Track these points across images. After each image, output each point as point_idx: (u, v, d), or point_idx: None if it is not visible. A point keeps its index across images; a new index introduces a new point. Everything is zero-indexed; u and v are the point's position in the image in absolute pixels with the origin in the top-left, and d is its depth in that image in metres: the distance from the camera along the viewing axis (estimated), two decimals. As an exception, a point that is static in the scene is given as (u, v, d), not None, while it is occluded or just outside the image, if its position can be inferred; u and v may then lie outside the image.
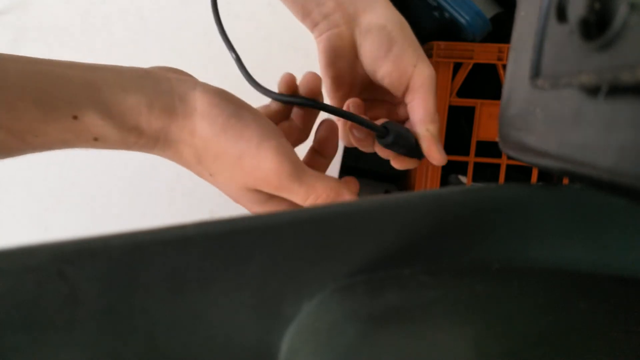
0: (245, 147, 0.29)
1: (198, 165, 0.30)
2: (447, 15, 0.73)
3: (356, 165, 1.00)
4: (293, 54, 0.68)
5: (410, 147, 0.35)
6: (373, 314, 0.16)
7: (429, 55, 0.73)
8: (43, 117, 0.25)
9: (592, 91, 0.15)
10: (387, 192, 0.92)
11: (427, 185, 0.74)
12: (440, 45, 0.71)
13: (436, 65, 0.72)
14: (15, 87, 0.24)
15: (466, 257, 0.19)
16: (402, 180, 0.91)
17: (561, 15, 0.16)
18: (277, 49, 0.69)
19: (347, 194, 0.31)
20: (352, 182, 0.33)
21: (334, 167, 0.67)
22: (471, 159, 0.73)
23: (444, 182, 0.77)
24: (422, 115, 0.34)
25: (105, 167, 0.71)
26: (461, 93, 0.73)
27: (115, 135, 0.27)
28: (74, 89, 0.26)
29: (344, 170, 0.71)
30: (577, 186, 0.20)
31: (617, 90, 0.14)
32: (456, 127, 0.75)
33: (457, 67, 0.72)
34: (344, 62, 0.37)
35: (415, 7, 0.78)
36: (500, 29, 0.76)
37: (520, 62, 0.20)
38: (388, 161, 0.37)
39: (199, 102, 0.29)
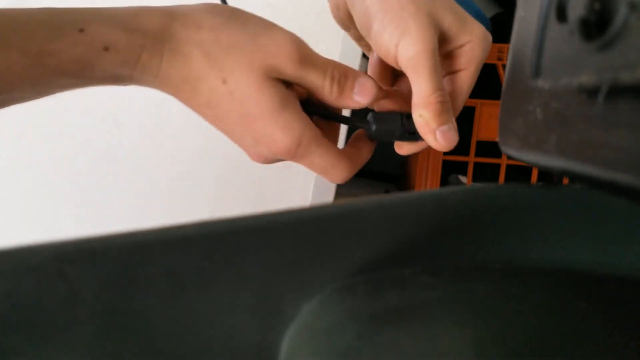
0: (254, 29, 0.28)
1: (210, 69, 0.28)
2: (447, 15, 0.72)
3: (356, 165, 0.99)
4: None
5: (407, 132, 0.32)
6: (373, 314, 0.16)
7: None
8: (52, 34, 0.26)
9: (592, 91, 0.15)
10: (387, 192, 0.92)
11: (427, 185, 0.74)
12: (440, 45, 0.71)
13: (436, 65, 0.72)
14: (23, 15, 0.26)
15: (466, 257, 0.19)
16: (402, 180, 0.91)
17: (561, 15, 0.16)
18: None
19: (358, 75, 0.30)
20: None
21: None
22: (471, 159, 0.73)
23: (444, 182, 0.77)
24: (414, 100, 0.30)
25: (105, 167, 0.71)
26: (461, 93, 0.73)
27: (123, 38, 0.27)
28: (79, 10, 0.27)
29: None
30: (577, 186, 0.20)
31: (617, 90, 0.14)
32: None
33: (457, 67, 0.72)
34: (354, 28, 0.34)
35: (415, 7, 0.78)
36: (500, 29, 0.76)
37: (520, 62, 0.20)
38: (388, 161, 0.36)
39: (201, 4, 0.29)
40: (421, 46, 0.30)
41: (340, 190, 0.76)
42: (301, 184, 0.68)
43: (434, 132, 0.30)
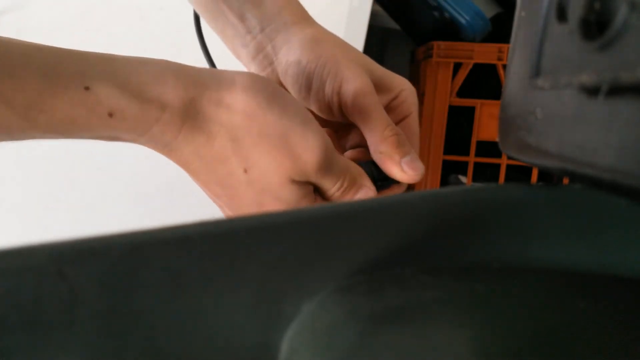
0: (289, 124, 0.26)
1: (233, 155, 0.25)
2: (447, 15, 0.73)
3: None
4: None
5: (380, 179, 0.31)
6: (373, 314, 0.16)
7: (429, 55, 0.73)
8: (50, 87, 0.21)
9: (592, 91, 0.15)
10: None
11: (427, 185, 0.74)
12: (440, 45, 0.71)
13: (436, 65, 0.72)
14: (19, 57, 0.21)
15: (466, 257, 0.19)
16: (402, 180, 0.91)
17: (561, 15, 0.16)
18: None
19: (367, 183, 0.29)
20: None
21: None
22: (471, 159, 0.73)
23: (444, 182, 0.77)
24: (370, 141, 0.31)
25: (106, 167, 0.71)
26: (461, 93, 0.73)
27: (134, 108, 0.23)
28: (87, 61, 0.23)
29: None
30: (577, 186, 0.20)
31: (617, 90, 0.14)
32: (456, 127, 0.75)
33: (457, 67, 0.72)
34: None
35: (415, 7, 0.78)
36: (500, 29, 0.76)
37: (520, 62, 0.20)
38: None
39: (238, 76, 0.26)
40: (360, 86, 0.30)
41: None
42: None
43: (398, 164, 0.30)
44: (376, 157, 0.31)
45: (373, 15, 0.71)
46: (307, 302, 0.17)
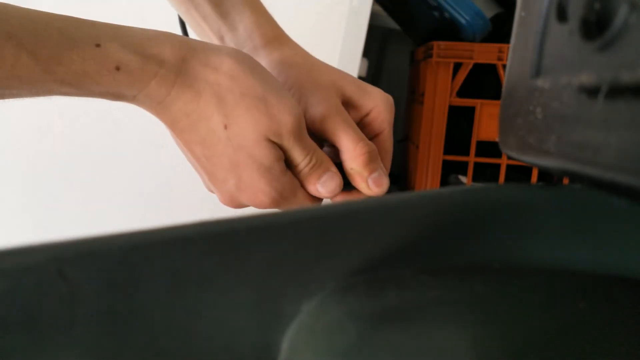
0: (269, 89, 0.29)
1: (216, 112, 0.28)
2: (447, 15, 0.73)
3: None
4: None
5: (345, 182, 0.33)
6: (373, 314, 0.16)
7: (429, 55, 0.73)
8: (66, 43, 0.25)
9: (592, 91, 0.15)
10: (387, 192, 0.92)
11: (427, 185, 0.74)
12: (440, 45, 0.71)
13: (436, 65, 0.72)
14: (41, 19, 0.25)
15: (466, 257, 0.19)
16: (402, 180, 0.91)
17: (561, 15, 0.16)
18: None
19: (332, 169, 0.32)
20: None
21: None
22: (471, 159, 0.73)
23: (444, 182, 0.77)
24: (342, 157, 0.32)
25: (106, 167, 0.71)
26: (461, 93, 0.73)
27: (137, 62, 0.26)
28: (96, 25, 0.27)
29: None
30: (577, 186, 0.20)
31: (617, 90, 0.14)
32: (456, 127, 0.75)
33: (457, 67, 0.72)
34: None
35: (415, 7, 0.78)
36: (500, 29, 0.76)
37: (520, 62, 0.20)
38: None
39: (224, 47, 0.29)
40: (325, 110, 0.32)
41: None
42: (301, 184, 0.67)
43: (366, 180, 0.32)
44: (347, 171, 0.33)
45: (373, 15, 0.71)
46: (307, 302, 0.17)
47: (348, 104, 0.34)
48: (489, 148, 0.72)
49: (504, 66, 0.71)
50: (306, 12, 0.67)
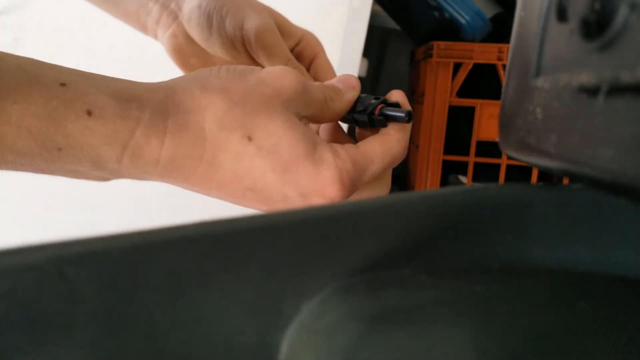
0: (261, 75, 0.25)
1: (230, 133, 0.23)
2: (446, 15, 0.73)
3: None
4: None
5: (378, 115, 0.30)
6: (373, 314, 0.16)
7: (429, 55, 0.73)
8: (26, 78, 0.20)
9: (592, 91, 0.15)
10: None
11: (427, 185, 0.74)
12: (440, 45, 0.71)
13: (436, 65, 0.72)
14: None
15: (466, 257, 0.19)
16: (402, 180, 0.91)
17: (561, 15, 0.16)
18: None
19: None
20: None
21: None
22: (471, 159, 0.73)
23: (444, 182, 0.77)
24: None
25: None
26: (461, 93, 0.73)
27: (113, 106, 0.21)
28: (59, 66, 0.22)
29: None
30: (577, 186, 0.20)
31: (617, 90, 0.14)
32: (456, 127, 0.75)
33: (457, 67, 0.72)
34: (195, 58, 0.36)
35: (414, 7, 0.78)
36: (500, 29, 0.76)
37: (520, 62, 0.20)
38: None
39: (194, 72, 0.26)
40: (263, 22, 0.32)
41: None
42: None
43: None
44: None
45: (373, 15, 0.71)
46: (307, 302, 0.17)
47: (280, 29, 0.35)
48: (489, 148, 0.72)
49: (504, 66, 0.71)
50: (306, 12, 0.67)
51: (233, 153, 0.23)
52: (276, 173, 0.24)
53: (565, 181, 0.22)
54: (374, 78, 1.06)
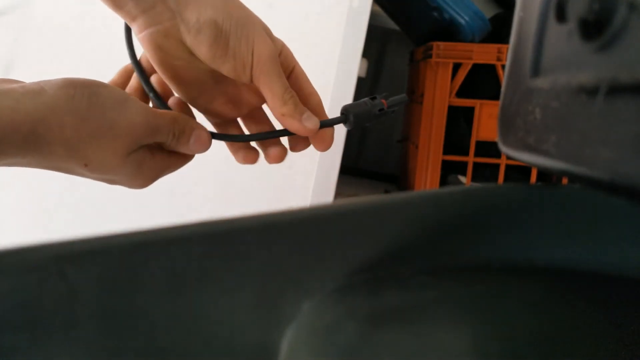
0: (111, 109, 0.29)
1: (72, 159, 0.29)
2: (446, 15, 0.73)
3: (356, 165, 1.00)
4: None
5: (378, 109, 0.35)
6: (373, 314, 0.16)
7: (429, 55, 0.73)
8: None
9: (591, 91, 0.15)
10: (387, 192, 0.92)
11: (427, 185, 0.74)
12: (439, 45, 0.71)
13: (436, 66, 0.72)
14: None
15: (466, 257, 0.19)
16: (402, 180, 0.91)
17: (560, 15, 0.16)
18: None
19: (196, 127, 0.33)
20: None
21: (334, 168, 0.67)
22: (471, 159, 0.73)
23: (444, 182, 0.77)
24: (271, 101, 0.34)
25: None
26: (461, 93, 0.73)
27: None
28: None
29: (344, 171, 0.71)
30: (576, 186, 0.20)
31: (616, 90, 0.14)
32: (456, 127, 0.75)
33: (456, 67, 0.72)
34: (180, 61, 0.35)
35: (414, 7, 0.78)
36: (499, 29, 0.76)
37: (519, 62, 0.20)
38: (388, 161, 0.37)
39: (58, 93, 0.28)
40: (272, 50, 0.34)
41: (340, 190, 0.76)
42: (301, 184, 0.68)
43: (300, 121, 0.34)
44: (278, 117, 0.35)
45: (373, 15, 0.71)
46: (307, 302, 0.17)
47: None
48: (489, 148, 0.72)
49: (503, 66, 0.71)
50: (306, 12, 0.67)
51: (73, 172, 0.31)
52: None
53: (565, 181, 0.22)
54: (374, 78, 1.06)
